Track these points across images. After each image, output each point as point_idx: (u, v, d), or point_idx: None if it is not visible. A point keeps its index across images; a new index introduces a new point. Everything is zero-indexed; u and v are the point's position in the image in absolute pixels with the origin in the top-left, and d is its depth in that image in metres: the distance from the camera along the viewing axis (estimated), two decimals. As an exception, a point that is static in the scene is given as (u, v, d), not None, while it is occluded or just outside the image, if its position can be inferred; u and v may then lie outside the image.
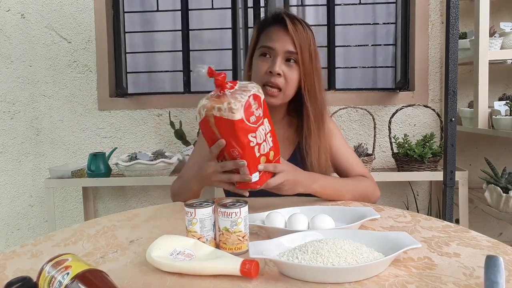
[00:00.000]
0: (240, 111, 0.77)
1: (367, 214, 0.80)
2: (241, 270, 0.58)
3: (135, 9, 2.37)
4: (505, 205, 1.66)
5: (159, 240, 0.66)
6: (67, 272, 0.51)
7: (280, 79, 1.03)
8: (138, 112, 2.29)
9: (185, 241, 0.67)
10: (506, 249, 0.68)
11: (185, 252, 0.64)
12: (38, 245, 0.77)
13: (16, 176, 2.33)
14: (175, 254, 0.63)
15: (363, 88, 2.28)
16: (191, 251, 0.64)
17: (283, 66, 1.03)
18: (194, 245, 0.66)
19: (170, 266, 0.62)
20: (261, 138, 0.83)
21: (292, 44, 1.02)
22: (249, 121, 0.79)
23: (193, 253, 0.64)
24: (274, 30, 1.05)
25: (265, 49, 1.04)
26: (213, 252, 0.65)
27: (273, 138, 0.89)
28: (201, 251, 0.65)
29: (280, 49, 1.03)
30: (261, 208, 0.97)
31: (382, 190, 2.28)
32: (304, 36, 1.04)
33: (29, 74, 2.29)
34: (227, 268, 0.60)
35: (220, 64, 2.36)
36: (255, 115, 0.81)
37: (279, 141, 1.16)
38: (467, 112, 2.00)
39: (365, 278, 0.58)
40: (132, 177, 2.02)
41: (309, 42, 1.05)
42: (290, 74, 1.04)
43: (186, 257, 0.63)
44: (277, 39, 1.03)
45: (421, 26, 2.17)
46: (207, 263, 0.62)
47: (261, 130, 0.83)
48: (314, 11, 2.35)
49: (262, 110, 0.84)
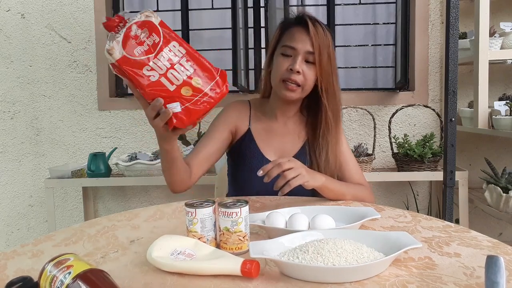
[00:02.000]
0: (117, 50, 0.70)
1: (368, 214, 0.80)
2: (241, 270, 0.58)
3: (135, 9, 2.37)
4: (505, 205, 1.66)
5: (159, 240, 0.66)
6: (69, 272, 0.51)
7: (299, 77, 1.08)
8: (138, 112, 2.29)
9: (186, 241, 0.67)
10: (506, 249, 0.68)
11: (186, 252, 0.64)
12: (38, 245, 0.77)
13: (16, 176, 2.33)
14: (176, 254, 0.63)
15: (363, 88, 2.28)
16: (192, 251, 0.64)
17: (303, 65, 1.09)
18: (195, 245, 0.66)
19: (171, 266, 0.62)
20: (165, 67, 0.74)
21: (312, 46, 1.08)
22: (134, 55, 0.72)
23: (194, 253, 0.64)
24: (297, 30, 1.11)
25: (287, 48, 1.10)
26: (213, 252, 0.65)
27: (195, 61, 0.77)
28: (201, 251, 0.65)
29: (301, 49, 1.08)
30: (262, 208, 0.98)
31: (382, 190, 2.30)
32: (324, 39, 1.10)
33: (29, 74, 2.29)
34: (227, 268, 0.60)
35: (220, 64, 2.36)
36: (145, 45, 0.73)
37: (290, 134, 1.19)
38: (467, 112, 2.00)
39: (366, 278, 0.58)
40: (132, 177, 2.02)
41: (328, 44, 1.11)
42: (308, 73, 1.09)
43: (186, 257, 0.63)
44: (299, 40, 1.09)
45: (421, 26, 2.17)
46: (208, 263, 0.62)
47: (162, 58, 0.74)
48: (314, 11, 2.35)
49: (159, 35, 0.74)
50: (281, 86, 1.10)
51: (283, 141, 1.20)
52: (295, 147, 1.19)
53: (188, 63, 0.76)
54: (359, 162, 1.94)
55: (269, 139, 1.20)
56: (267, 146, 1.19)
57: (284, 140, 1.20)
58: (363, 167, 1.96)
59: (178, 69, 0.75)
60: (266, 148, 1.19)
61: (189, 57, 0.76)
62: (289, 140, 1.20)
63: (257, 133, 1.20)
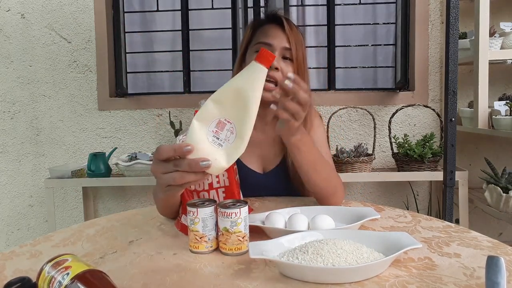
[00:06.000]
0: None
1: (368, 214, 0.80)
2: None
3: (135, 9, 2.37)
4: (505, 205, 1.66)
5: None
6: (67, 273, 0.51)
7: (278, 74, 1.03)
8: (138, 112, 2.29)
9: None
10: (507, 249, 0.68)
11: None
12: (37, 246, 0.77)
13: (16, 176, 2.33)
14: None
15: (363, 88, 2.28)
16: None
17: (280, 61, 1.04)
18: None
19: None
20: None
21: (288, 42, 1.04)
22: None
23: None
24: (271, 28, 1.07)
25: (262, 45, 1.05)
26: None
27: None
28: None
29: (278, 45, 1.04)
30: (261, 208, 0.97)
31: (382, 190, 2.29)
32: (298, 35, 1.07)
33: (29, 74, 2.29)
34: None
35: (220, 64, 2.36)
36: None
37: (270, 141, 1.13)
38: (467, 112, 2.00)
39: (366, 279, 0.58)
40: (132, 177, 2.02)
41: (301, 41, 1.08)
42: (286, 70, 1.05)
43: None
44: (274, 36, 1.05)
45: (421, 26, 2.17)
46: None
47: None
48: (314, 11, 2.34)
49: None
50: None
51: (263, 150, 1.14)
52: (278, 154, 1.13)
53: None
54: (359, 162, 1.94)
55: (249, 148, 1.14)
56: (248, 155, 1.11)
57: (263, 149, 1.14)
58: (363, 167, 1.96)
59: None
60: (248, 158, 1.12)
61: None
62: (269, 149, 1.14)
63: None
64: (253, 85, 0.60)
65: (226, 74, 2.32)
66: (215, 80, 2.36)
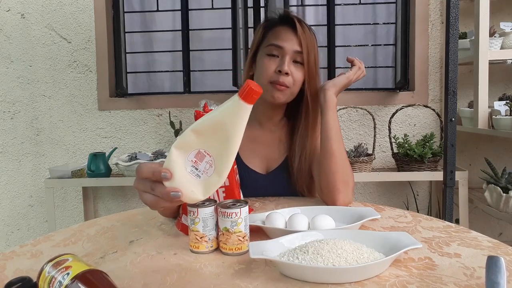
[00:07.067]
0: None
1: (368, 214, 0.80)
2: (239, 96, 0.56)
3: (135, 9, 2.37)
4: (505, 205, 1.66)
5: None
6: (67, 273, 0.51)
7: (288, 78, 1.02)
8: (138, 112, 2.29)
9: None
10: (507, 249, 0.68)
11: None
12: (37, 245, 0.77)
13: (16, 176, 2.33)
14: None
15: (363, 88, 2.28)
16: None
17: (291, 66, 1.03)
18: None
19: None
20: None
21: (300, 45, 1.02)
22: None
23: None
24: (283, 29, 1.05)
25: (273, 48, 1.03)
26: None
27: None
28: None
29: (289, 48, 1.02)
30: (261, 208, 0.97)
31: (382, 190, 2.30)
32: (311, 38, 1.04)
33: (29, 74, 2.29)
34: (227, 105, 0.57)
35: (220, 64, 2.36)
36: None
37: (276, 142, 1.13)
38: (467, 112, 2.00)
39: (366, 279, 0.58)
40: (132, 177, 2.02)
41: (314, 44, 1.05)
42: (296, 74, 1.03)
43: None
44: (286, 39, 1.03)
45: (421, 26, 2.17)
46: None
47: None
48: (314, 11, 2.35)
49: None
50: (269, 88, 1.02)
51: (268, 150, 1.13)
52: (282, 154, 1.12)
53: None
54: (359, 162, 1.94)
55: (253, 148, 1.12)
56: (251, 156, 1.12)
57: (269, 149, 1.13)
58: (363, 167, 1.96)
59: None
60: (250, 158, 1.12)
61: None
62: (275, 148, 1.13)
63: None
64: (235, 123, 0.57)
65: (226, 74, 2.33)
66: (215, 80, 2.36)
